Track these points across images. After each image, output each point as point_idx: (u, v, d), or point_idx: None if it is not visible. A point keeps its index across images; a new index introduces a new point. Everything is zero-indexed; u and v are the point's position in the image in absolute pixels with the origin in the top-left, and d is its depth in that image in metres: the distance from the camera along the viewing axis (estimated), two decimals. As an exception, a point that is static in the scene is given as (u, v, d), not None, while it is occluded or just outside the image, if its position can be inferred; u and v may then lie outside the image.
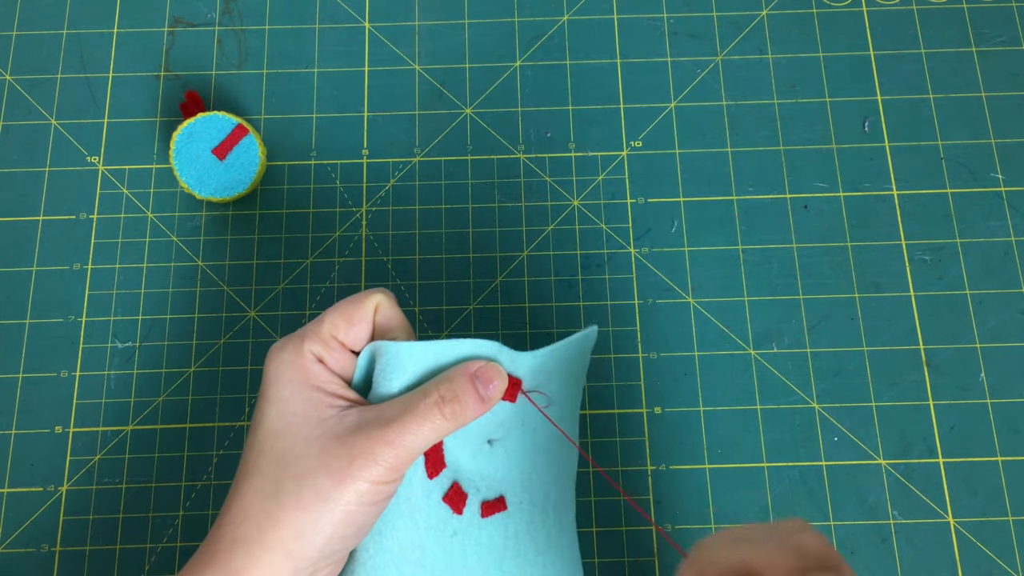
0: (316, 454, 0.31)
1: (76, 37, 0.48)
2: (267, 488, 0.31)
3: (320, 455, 0.31)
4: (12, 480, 0.41)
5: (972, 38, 0.48)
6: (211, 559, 0.31)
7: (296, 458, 0.31)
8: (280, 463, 0.31)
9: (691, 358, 0.43)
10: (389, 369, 0.33)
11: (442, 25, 0.49)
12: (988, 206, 0.45)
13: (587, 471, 0.42)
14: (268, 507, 0.31)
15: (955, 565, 0.40)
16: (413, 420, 0.31)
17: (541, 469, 0.36)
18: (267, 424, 0.32)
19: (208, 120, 0.44)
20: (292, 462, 0.31)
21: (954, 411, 0.42)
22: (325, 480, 0.30)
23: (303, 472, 0.31)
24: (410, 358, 0.34)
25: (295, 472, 0.31)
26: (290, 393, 0.32)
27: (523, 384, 0.35)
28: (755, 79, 0.48)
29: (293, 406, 0.32)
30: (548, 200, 0.45)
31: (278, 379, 0.33)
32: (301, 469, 0.31)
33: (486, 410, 0.33)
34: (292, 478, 0.31)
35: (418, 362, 0.34)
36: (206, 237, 0.45)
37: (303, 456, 0.31)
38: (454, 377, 0.33)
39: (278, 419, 0.32)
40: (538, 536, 0.36)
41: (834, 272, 0.44)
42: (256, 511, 0.31)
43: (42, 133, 0.47)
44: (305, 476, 0.31)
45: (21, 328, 0.44)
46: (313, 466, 0.31)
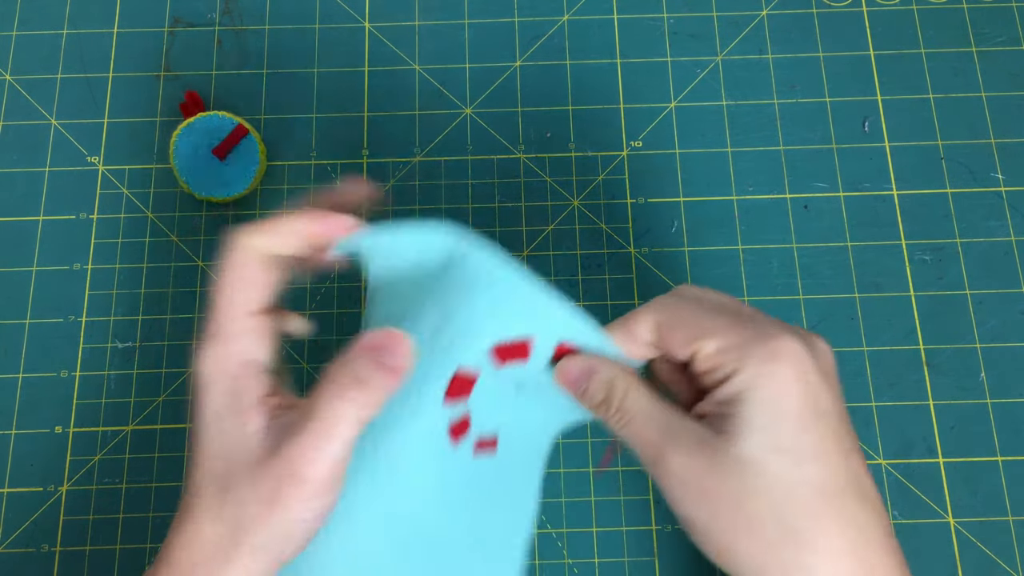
0: (248, 480, 0.29)
1: (76, 37, 0.48)
2: (213, 511, 0.30)
3: (252, 482, 0.29)
4: (12, 480, 0.41)
5: (972, 38, 0.48)
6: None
7: (235, 485, 0.29)
8: (222, 487, 0.30)
9: (691, 358, 0.43)
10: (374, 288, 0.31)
11: (442, 25, 0.49)
12: (988, 206, 0.45)
13: (585, 471, 0.42)
14: (219, 531, 0.29)
15: (955, 565, 0.40)
16: (320, 425, 0.29)
17: (542, 429, 0.35)
18: (206, 443, 0.30)
19: (208, 120, 0.44)
20: (231, 486, 0.29)
21: (954, 411, 0.42)
22: (258, 508, 0.29)
23: (241, 499, 0.29)
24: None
25: (234, 498, 0.29)
26: (222, 406, 0.30)
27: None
28: (755, 79, 0.48)
29: (226, 424, 0.30)
30: (548, 200, 0.45)
31: (210, 385, 0.31)
32: (239, 495, 0.29)
33: (399, 380, 0.29)
34: (232, 504, 0.29)
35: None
36: (206, 237, 0.45)
37: (240, 485, 0.29)
38: (351, 359, 0.30)
39: (215, 440, 0.30)
40: (508, 491, 0.34)
41: (834, 272, 0.44)
42: (208, 536, 0.30)
43: (42, 133, 0.47)
44: (243, 503, 0.29)
45: (21, 328, 0.44)
46: (247, 493, 0.29)
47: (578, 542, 0.41)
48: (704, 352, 0.30)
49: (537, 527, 0.41)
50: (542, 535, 0.41)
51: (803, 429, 0.28)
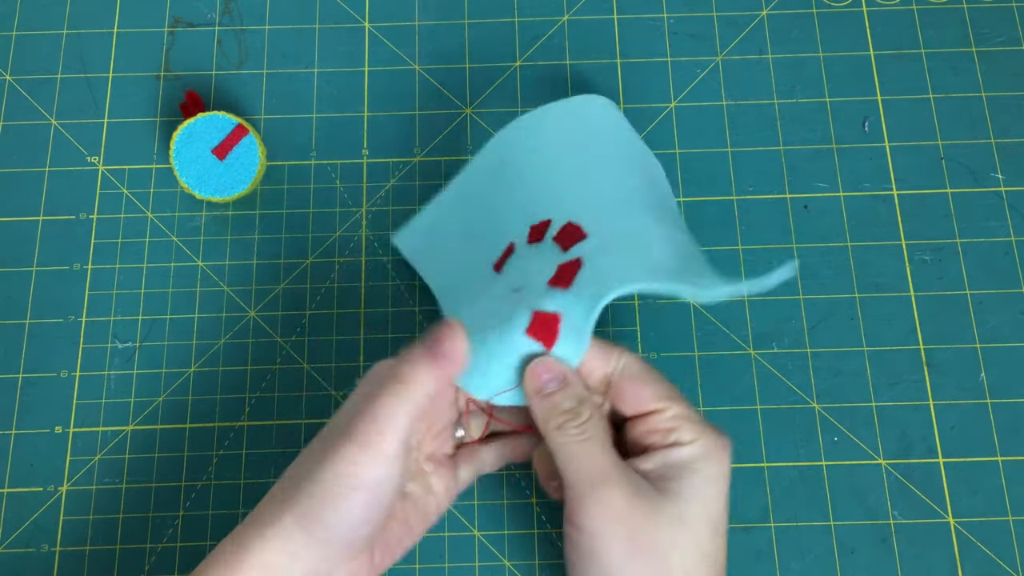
0: (315, 444, 0.33)
1: (76, 37, 0.48)
2: (284, 482, 0.32)
3: (315, 442, 0.33)
4: (12, 480, 0.41)
5: (972, 38, 0.48)
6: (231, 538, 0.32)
7: (296, 462, 0.33)
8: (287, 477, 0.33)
9: (691, 358, 0.43)
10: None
11: (442, 25, 0.49)
12: (988, 206, 0.45)
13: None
14: (275, 493, 0.32)
15: (955, 565, 0.40)
16: (388, 392, 0.31)
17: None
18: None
19: (208, 120, 0.44)
20: (293, 465, 0.33)
21: (954, 411, 0.42)
22: (311, 465, 0.31)
23: (301, 460, 0.32)
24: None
25: (291, 472, 0.32)
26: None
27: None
28: (755, 79, 0.48)
29: None
30: (548, 200, 0.45)
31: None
32: (302, 458, 0.32)
33: (447, 368, 0.32)
34: (295, 466, 0.32)
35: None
36: (206, 237, 0.45)
37: (300, 457, 0.33)
38: (408, 355, 0.32)
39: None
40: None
41: (834, 272, 0.44)
42: (275, 492, 0.32)
43: (42, 133, 0.47)
44: (300, 464, 0.32)
45: (21, 328, 0.44)
46: (305, 455, 0.32)
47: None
48: (668, 414, 0.34)
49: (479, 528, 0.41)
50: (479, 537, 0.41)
51: (725, 508, 0.33)
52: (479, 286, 0.39)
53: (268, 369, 0.43)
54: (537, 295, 0.34)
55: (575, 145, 0.41)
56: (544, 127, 0.42)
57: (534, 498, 0.41)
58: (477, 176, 0.43)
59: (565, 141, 0.41)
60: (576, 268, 0.35)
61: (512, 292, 0.36)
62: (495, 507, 0.41)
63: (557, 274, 0.35)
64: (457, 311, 0.39)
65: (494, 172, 0.42)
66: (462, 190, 0.43)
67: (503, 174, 0.42)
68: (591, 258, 0.35)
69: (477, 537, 0.41)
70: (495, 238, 0.41)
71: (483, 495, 0.41)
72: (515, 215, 0.40)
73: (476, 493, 0.41)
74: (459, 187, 0.43)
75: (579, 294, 0.34)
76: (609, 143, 0.42)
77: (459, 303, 0.40)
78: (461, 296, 0.40)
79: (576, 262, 0.35)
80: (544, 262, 0.37)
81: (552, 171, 0.41)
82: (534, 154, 0.41)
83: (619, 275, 0.34)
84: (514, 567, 0.40)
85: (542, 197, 0.40)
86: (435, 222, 0.43)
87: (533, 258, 0.38)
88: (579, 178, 0.40)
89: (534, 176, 0.41)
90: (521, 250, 0.39)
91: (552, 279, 0.35)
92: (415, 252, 0.43)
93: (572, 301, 0.34)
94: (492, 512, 0.41)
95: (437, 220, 0.43)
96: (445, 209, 0.43)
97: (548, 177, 0.41)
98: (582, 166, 0.40)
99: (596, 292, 0.34)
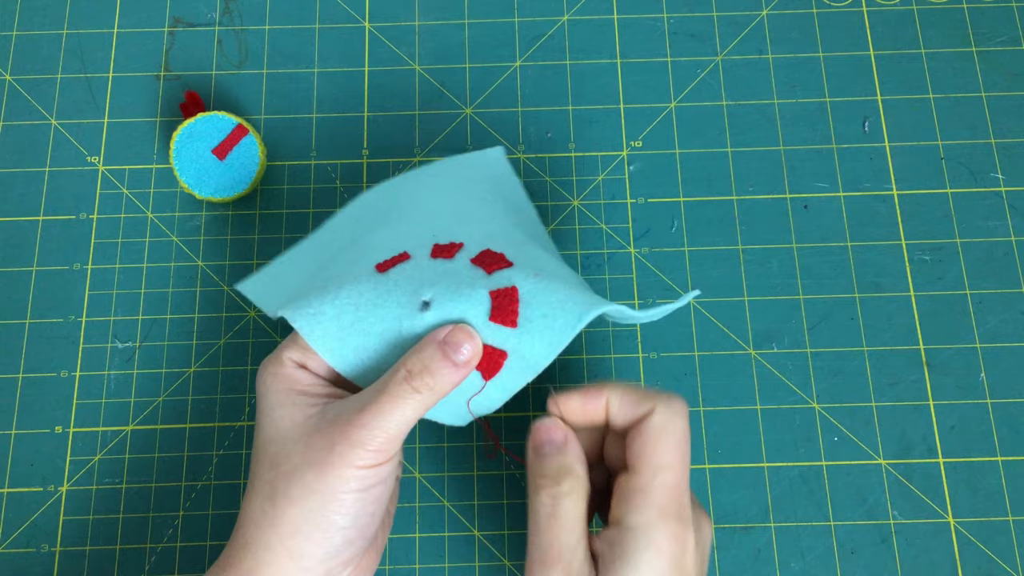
0: (301, 450, 0.32)
1: (76, 37, 0.48)
2: (264, 490, 0.32)
3: (304, 450, 0.32)
4: (12, 480, 0.41)
5: (972, 38, 0.48)
6: (223, 565, 0.32)
7: (285, 458, 0.32)
8: (273, 465, 0.32)
9: (691, 358, 0.43)
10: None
11: (442, 25, 0.49)
12: (988, 206, 0.45)
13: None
14: (265, 507, 0.32)
15: (955, 565, 0.40)
16: (386, 400, 0.32)
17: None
18: (262, 434, 0.33)
19: (208, 120, 0.44)
20: (282, 462, 0.32)
21: (954, 411, 0.42)
22: (309, 473, 0.31)
23: (291, 469, 0.32)
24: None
25: (285, 470, 0.32)
26: (277, 401, 0.33)
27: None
28: (755, 79, 0.48)
29: (281, 411, 0.33)
30: (548, 200, 0.45)
31: (266, 391, 0.34)
32: (289, 467, 0.32)
33: (464, 374, 0.33)
34: (283, 476, 0.32)
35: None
36: (206, 237, 0.45)
37: (291, 455, 0.32)
38: (422, 347, 0.33)
39: (269, 426, 0.33)
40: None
41: (834, 272, 0.44)
42: (257, 514, 0.32)
43: (42, 133, 0.47)
44: (293, 473, 0.31)
45: (21, 328, 0.44)
46: (298, 462, 0.32)
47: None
48: (628, 484, 0.33)
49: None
50: (542, 535, 0.41)
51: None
52: (348, 272, 0.36)
53: (268, 369, 0.43)
54: (477, 325, 0.34)
55: (466, 185, 0.42)
56: (422, 180, 0.41)
57: (534, 498, 0.41)
58: (340, 225, 0.41)
59: (454, 183, 0.41)
60: (514, 303, 0.34)
61: (419, 300, 0.34)
62: (495, 507, 0.41)
63: (496, 307, 0.34)
64: (315, 285, 0.36)
65: (362, 216, 0.41)
66: (321, 238, 0.41)
67: (380, 212, 0.40)
68: (531, 293, 0.34)
69: (477, 537, 0.41)
70: (374, 252, 0.37)
71: (483, 495, 0.41)
72: (405, 233, 0.38)
73: (476, 493, 0.41)
74: (317, 238, 0.41)
75: (530, 334, 0.34)
76: (498, 187, 0.42)
77: (317, 280, 0.37)
78: (320, 275, 0.38)
79: (512, 293, 0.34)
80: (461, 280, 0.35)
81: (447, 203, 0.40)
82: (424, 190, 0.41)
83: (567, 311, 0.34)
84: (514, 567, 0.40)
85: (443, 223, 0.38)
86: (289, 266, 0.41)
87: (445, 273, 0.35)
88: (477, 211, 0.40)
89: (426, 207, 0.40)
90: (421, 261, 0.36)
91: (494, 314, 0.34)
92: (263, 296, 0.40)
93: (524, 342, 0.34)
94: (492, 512, 0.41)
95: (291, 264, 0.41)
96: (301, 254, 0.41)
97: (442, 207, 0.40)
98: (476, 201, 0.41)
99: (552, 339, 0.34)
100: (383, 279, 0.35)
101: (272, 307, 0.38)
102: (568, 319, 0.34)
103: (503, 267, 0.35)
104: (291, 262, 0.41)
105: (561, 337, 0.33)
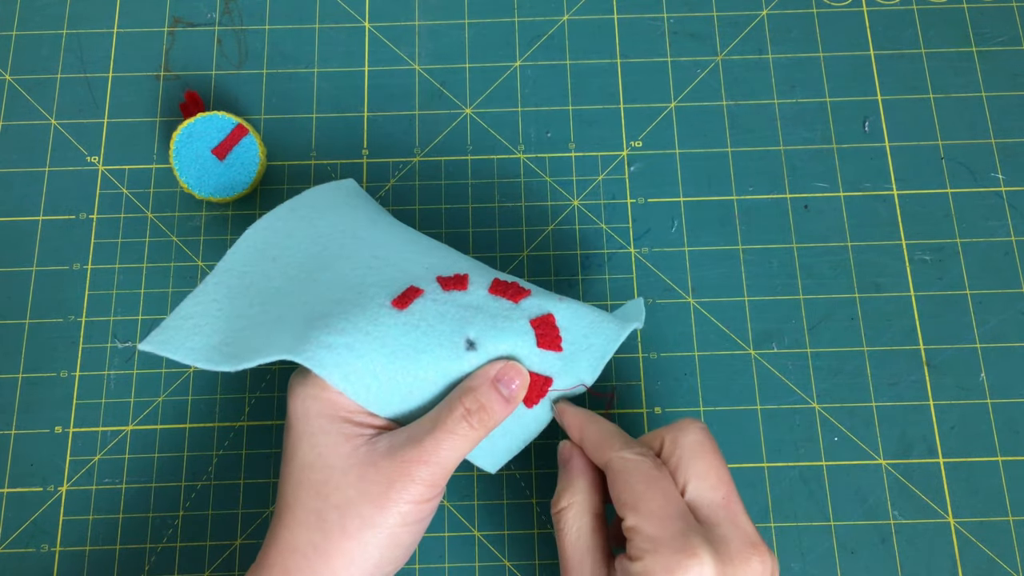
0: (354, 483, 0.31)
1: (76, 37, 0.48)
2: (310, 520, 0.31)
3: (358, 483, 0.31)
4: (12, 480, 0.41)
5: (972, 38, 0.48)
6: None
7: (335, 489, 0.31)
8: (320, 494, 0.32)
9: (691, 358, 0.43)
10: None
11: (442, 25, 0.49)
12: (988, 206, 0.45)
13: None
14: (315, 539, 0.31)
15: (955, 565, 0.40)
16: (444, 436, 0.32)
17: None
18: (300, 456, 0.33)
19: (208, 120, 0.44)
20: (331, 493, 0.31)
21: (954, 411, 0.42)
22: (367, 507, 0.31)
23: (344, 502, 0.31)
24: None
25: (335, 503, 0.31)
26: (319, 426, 0.33)
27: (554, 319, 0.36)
28: (755, 79, 0.48)
29: (323, 438, 0.32)
30: (548, 200, 0.45)
31: (305, 414, 0.33)
32: (341, 499, 0.31)
33: (512, 409, 0.34)
34: (334, 508, 0.31)
35: None
36: (206, 237, 0.45)
37: (341, 486, 0.31)
38: (477, 386, 0.33)
39: (310, 451, 0.32)
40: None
41: (834, 272, 0.44)
42: (303, 543, 0.31)
43: (42, 133, 0.47)
44: (346, 506, 0.31)
45: (21, 328, 0.44)
46: (353, 495, 0.31)
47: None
48: (625, 523, 0.32)
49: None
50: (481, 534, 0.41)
51: None
52: (367, 313, 0.34)
53: (268, 369, 0.43)
54: (527, 354, 0.35)
55: (375, 215, 0.41)
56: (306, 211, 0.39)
57: (534, 498, 0.41)
58: (247, 263, 0.38)
59: (369, 214, 0.41)
60: (555, 328, 0.35)
61: (462, 340, 0.34)
62: (495, 507, 0.41)
63: (540, 335, 0.35)
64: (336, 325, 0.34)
65: (277, 254, 0.38)
66: (227, 282, 0.37)
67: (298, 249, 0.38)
68: (565, 317, 0.36)
69: (477, 537, 0.41)
70: (360, 283, 0.36)
71: (483, 495, 0.41)
72: (390, 264, 0.37)
73: (476, 493, 0.41)
74: (228, 274, 0.37)
75: (574, 357, 0.36)
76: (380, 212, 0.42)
77: (335, 320, 0.34)
78: (332, 316, 0.34)
79: (551, 319, 0.35)
80: (496, 314, 0.35)
81: (388, 233, 0.39)
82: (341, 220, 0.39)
83: (602, 331, 0.36)
84: (514, 567, 0.40)
85: (408, 253, 0.38)
86: (206, 309, 0.37)
87: (472, 307, 0.35)
88: (415, 236, 0.40)
89: (368, 237, 0.38)
90: (436, 295, 0.35)
91: (540, 342, 0.35)
92: (180, 348, 0.35)
93: (568, 365, 0.36)
94: (492, 512, 0.41)
95: (208, 307, 0.37)
96: (213, 295, 0.37)
97: (389, 237, 0.39)
98: (401, 228, 0.41)
99: (592, 360, 0.36)
100: (409, 318, 0.34)
101: (208, 358, 0.34)
102: (606, 340, 0.36)
103: (525, 295, 0.36)
104: (200, 314, 0.36)
105: (602, 358, 0.36)
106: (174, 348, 0.35)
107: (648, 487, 0.31)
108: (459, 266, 0.37)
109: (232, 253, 0.38)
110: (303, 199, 0.40)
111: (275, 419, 0.42)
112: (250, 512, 0.41)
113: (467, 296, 0.35)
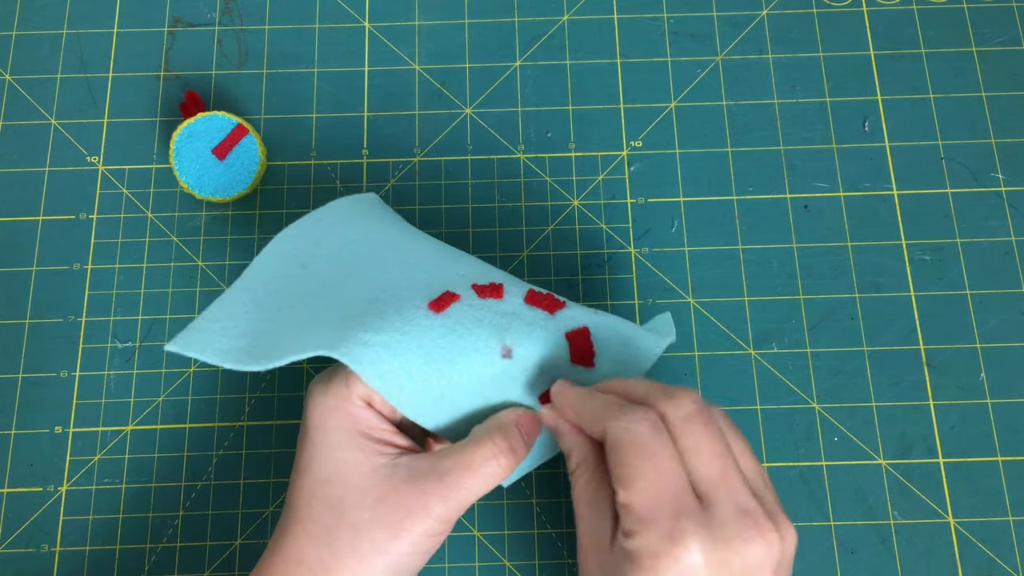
0: (371, 505, 0.31)
1: (76, 37, 0.48)
2: (321, 535, 0.31)
3: (375, 506, 0.31)
4: (12, 480, 0.41)
5: (972, 38, 0.48)
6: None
7: (351, 507, 0.31)
8: (334, 510, 0.31)
9: (691, 358, 0.43)
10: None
11: (442, 25, 0.49)
12: (988, 206, 0.45)
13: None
14: (323, 554, 0.31)
15: (955, 565, 0.40)
16: (470, 476, 0.32)
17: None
18: (316, 469, 0.32)
19: (208, 120, 0.44)
20: (347, 511, 0.31)
21: (954, 411, 0.42)
22: (380, 533, 0.31)
23: (358, 523, 0.31)
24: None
25: (350, 521, 0.31)
26: (338, 440, 0.32)
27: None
28: (755, 79, 0.48)
29: (343, 453, 0.32)
30: (548, 200, 0.45)
31: (323, 425, 0.32)
32: (355, 519, 0.31)
33: (522, 458, 0.34)
34: (347, 527, 0.31)
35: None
36: (206, 237, 0.45)
37: (357, 506, 0.31)
38: (508, 429, 0.33)
39: (328, 465, 0.32)
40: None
41: (834, 272, 0.44)
42: (310, 557, 0.31)
43: (42, 133, 0.47)
44: (360, 527, 0.31)
45: (21, 328, 0.44)
46: (368, 518, 0.31)
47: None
48: (618, 498, 0.31)
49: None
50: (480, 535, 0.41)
51: None
52: (403, 314, 0.34)
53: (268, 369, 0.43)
54: (560, 366, 0.36)
55: (400, 225, 0.41)
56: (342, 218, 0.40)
57: (534, 498, 0.41)
58: (274, 263, 0.38)
59: (396, 227, 0.41)
60: (589, 343, 0.36)
61: (499, 346, 0.34)
62: (495, 507, 0.41)
63: (575, 348, 0.35)
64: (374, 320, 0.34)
65: (308, 258, 0.38)
66: (260, 283, 0.37)
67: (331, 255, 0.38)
68: (598, 331, 0.36)
69: (477, 537, 0.41)
70: (395, 284, 0.36)
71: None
72: (424, 268, 0.37)
73: (476, 493, 0.41)
74: (255, 280, 0.37)
75: (603, 372, 0.36)
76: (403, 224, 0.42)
77: (372, 315, 0.35)
78: (370, 312, 0.35)
79: (586, 333, 0.36)
80: (531, 323, 0.35)
81: (418, 242, 0.40)
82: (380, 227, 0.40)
83: (634, 348, 0.37)
84: (514, 567, 0.40)
85: (441, 260, 0.38)
86: (234, 312, 0.36)
87: (508, 315, 0.35)
88: (439, 246, 0.40)
89: (399, 248, 0.39)
90: (473, 301, 0.35)
91: (574, 356, 0.36)
92: (207, 348, 0.35)
93: (597, 380, 0.36)
94: (492, 512, 0.41)
95: (235, 311, 0.37)
96: (241, 299, 0.37)
97: (420, 245, 0.39)
98: (423, 237, 0.41)
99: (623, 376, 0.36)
100: (446, 321, 0.34)
101: (237, 359, 0.34)
102: (640, 357, 0.37)
103: (561, 306, 0.36)
104: (227, 317, 0.36)
105: (637, 375, 0.36)
106: (201, 349, 0.34)
107: (641, 461, 0.29)
108: (493, 276, 0.37)
109: (259, 260, 0.38)
110: (327, 211, 0.40)
111: (275, 419, 0.42)
112: (250, 512, 0.41)
113: (503, 304, 0.35)
